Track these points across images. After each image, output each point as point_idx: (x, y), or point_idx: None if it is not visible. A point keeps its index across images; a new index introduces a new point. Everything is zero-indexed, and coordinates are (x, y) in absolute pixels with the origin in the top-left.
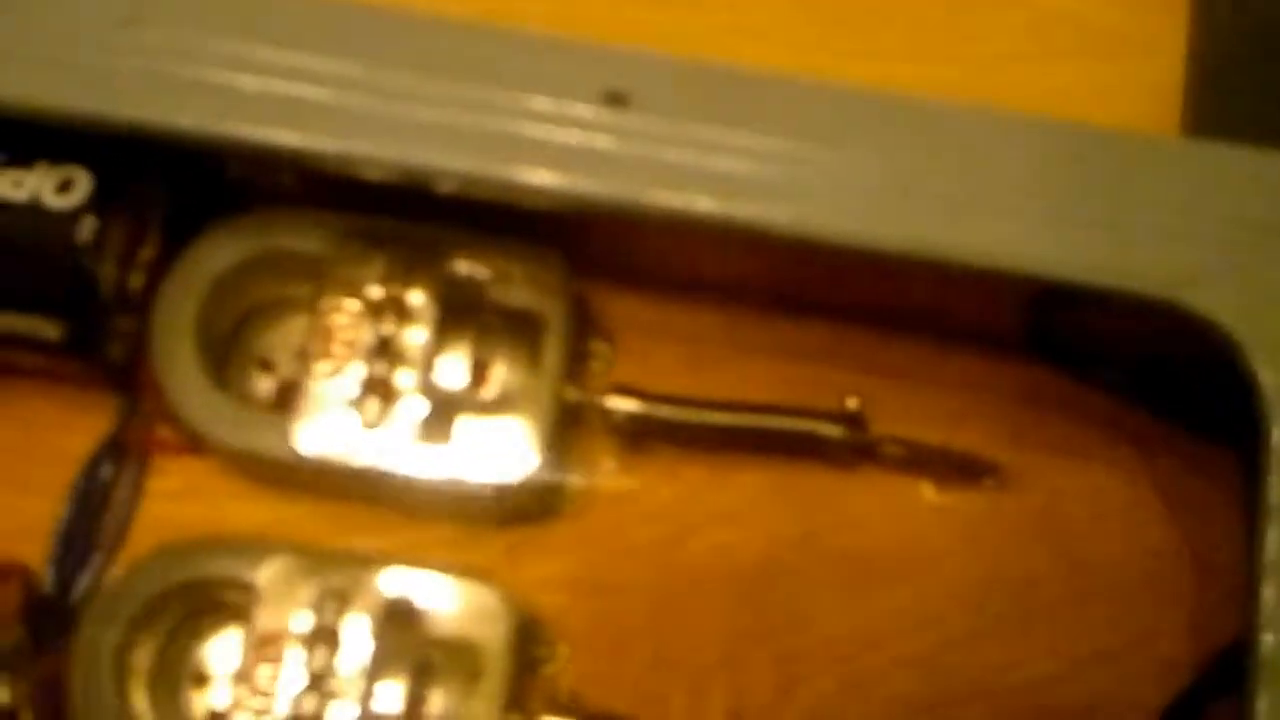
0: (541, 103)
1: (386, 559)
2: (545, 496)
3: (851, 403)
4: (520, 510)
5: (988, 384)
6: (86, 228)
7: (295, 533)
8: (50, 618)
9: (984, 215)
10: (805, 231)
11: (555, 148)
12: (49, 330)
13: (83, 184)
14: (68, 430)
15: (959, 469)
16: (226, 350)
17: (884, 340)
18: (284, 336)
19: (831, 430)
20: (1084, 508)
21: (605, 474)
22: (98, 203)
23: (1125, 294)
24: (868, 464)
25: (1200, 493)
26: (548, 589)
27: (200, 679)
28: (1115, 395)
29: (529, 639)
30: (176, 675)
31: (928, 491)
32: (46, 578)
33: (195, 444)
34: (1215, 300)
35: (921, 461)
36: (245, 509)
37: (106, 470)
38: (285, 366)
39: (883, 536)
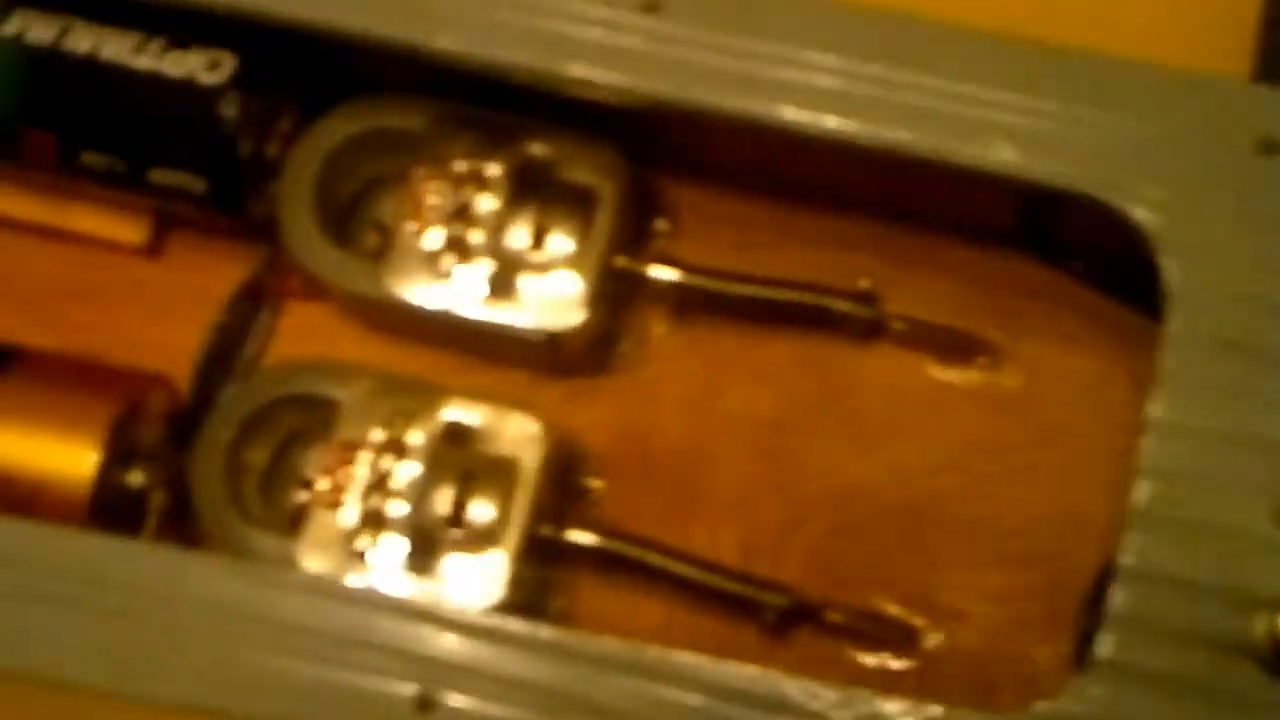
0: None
1: (450, 390)
2: (598, 352)
3: (864, 283)
4: (576, 361)
5: (987, 274)
6: (230, 101)
7: (390, 369)
8: (190, 424)
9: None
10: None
11: (594, 46)
12: (195, 185)
13: (228, 65)
14: (214, 274)
15: (957, 347)
16: (349, 213)
17: (904, 233)
18: (396, 204)
19: (846, 306)
20: (1063, 386)
21: (653, 336)
22: (241, 81)
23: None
24: (880, 339)
25: None
26: (595, 431)
27: (302, 482)
28: (1098, 288)
29: (570, 469)
30: (285, 477)
31: (929, 366)
32: (189, 392)
33: (316, 291)
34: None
35: (925, 338)
36: (354, 348)
37: (245, 309)
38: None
39: (886, 402)
